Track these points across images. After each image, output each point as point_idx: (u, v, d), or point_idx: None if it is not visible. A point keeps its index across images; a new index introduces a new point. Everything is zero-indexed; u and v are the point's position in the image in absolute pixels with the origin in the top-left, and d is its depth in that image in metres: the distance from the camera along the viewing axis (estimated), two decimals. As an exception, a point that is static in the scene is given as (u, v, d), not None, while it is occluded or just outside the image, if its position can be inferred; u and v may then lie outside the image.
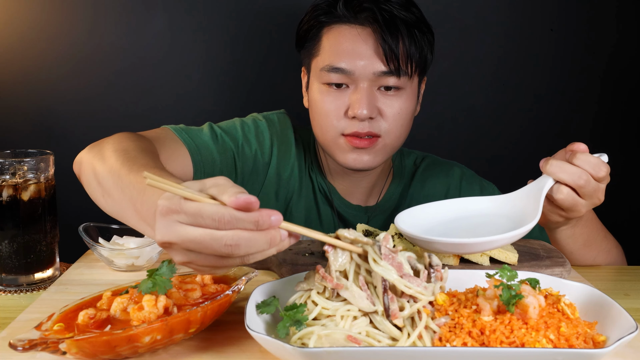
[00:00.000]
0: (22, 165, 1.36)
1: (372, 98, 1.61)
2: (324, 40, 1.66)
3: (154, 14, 2.39)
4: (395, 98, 1.63)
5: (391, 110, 1.63)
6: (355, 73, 1.59)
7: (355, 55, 1.59)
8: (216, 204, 0.90)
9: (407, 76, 1.62)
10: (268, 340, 0.93)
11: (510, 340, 0.95)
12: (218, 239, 0.90)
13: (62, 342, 0.91)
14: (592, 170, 1.27)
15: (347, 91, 1.62)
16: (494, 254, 1.29)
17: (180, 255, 0.94)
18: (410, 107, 1.68)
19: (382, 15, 1.58)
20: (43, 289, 1.39)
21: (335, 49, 1.62)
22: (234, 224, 0.90)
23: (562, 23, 2.42)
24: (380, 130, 1.63)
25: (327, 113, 1.64)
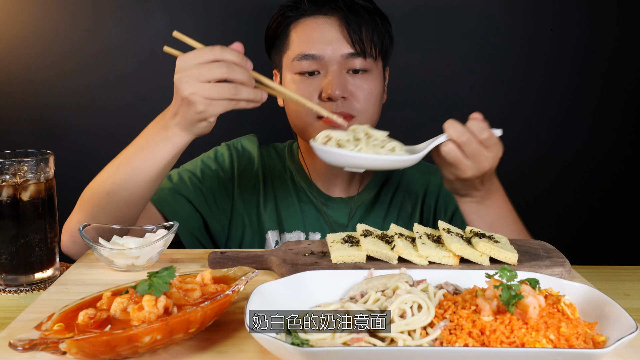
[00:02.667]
0: (22, 165, 1.36)
1: (343, 80, 1.73)
2: (292, 34, 1.79)
3: (154, 14, 2.39)
4: (363, 79, 1.76)
5: (362, 91, 1.75)
6: (325, 57, 1.73)
7: (323, 41, 1.73)
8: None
9: (372, 58, 1.76)
10: (268, 340, 0.92)
11: (511, 341, 0.94)
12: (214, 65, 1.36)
13: (62, 342, 0.91)
14: (476, 132, 1.43)
15: (318, 77, 1.74)
16: (493, 254, 1.29)
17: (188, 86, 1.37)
18: (378, 88, 1.80)
19: (345, 3, 1.73)
20: (43, 289, 1.39)
21: (304, 39, 1.75)
22: (224, 54, 1.38)
23: (562, 23, 2.42)
24: (353, 110, 1.74)
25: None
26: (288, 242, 1.47)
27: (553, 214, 2.57)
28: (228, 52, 1.38)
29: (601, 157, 2.53)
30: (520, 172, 2.55)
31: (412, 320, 1.00)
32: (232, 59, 1.38)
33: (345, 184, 1.95)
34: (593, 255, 2.50)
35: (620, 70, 2.46)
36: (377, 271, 1.19)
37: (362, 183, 1.96)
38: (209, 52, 1.38)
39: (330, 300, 1.14)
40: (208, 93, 1.36)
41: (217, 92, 1.37)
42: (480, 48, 2.45)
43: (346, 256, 1.31)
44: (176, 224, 1.42)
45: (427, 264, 1.30)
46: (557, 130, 2.51)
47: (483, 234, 1.38)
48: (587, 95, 2.48)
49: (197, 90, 1.36)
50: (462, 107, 2.48)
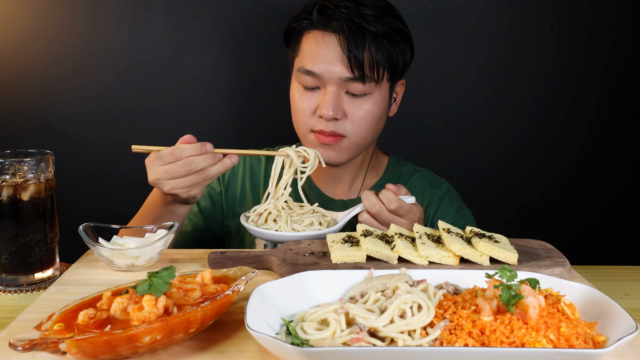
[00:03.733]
0: (22, 165, 1.36)
1: (339, 100, 1.75)
2: (303, 42, 1.80)
3: (154, 14, 2.39)
4: (362, 101, 1.77)
5: (357, 113, 1.77)
6: (324, 77, 1.74)
7: (324, 61, 1.74)
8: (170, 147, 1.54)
9: (373, 82, 1.75)
10: (268, 340, 0.92)
11: (511, 341, 0.95)
12: (179, 165, 1.52)
13: (62, 342, 0.91)
14: (386, 203, 1.55)
15: (318, 92, 1.77)
16: (493, 254, 1.29)
17: (165, 185, 1.55)
18: (378, 110, 1.80)
19: (349, 27, 1.71)
20: (43, 289, 1.39)
21: (310, 53, 1.77)
22: (183, 153, 1.53)
23: (562, 23, 2.42)
24: (345, 131, 1.77)
25: (300, 110, 1.80)
26: (288, 242, 1.47)
27: (553, 214, 2.57)
28: (184, 151, 1.54)
29: (601, 157, 2.53)
30: (519, 173, 2.55)
31: (412, 320, 1.00)
32: (190, 154, 1.54)
33: (347, 186, 1.97)
34: (593, 255, 2.50)
35: (621, 70, 2.46)
36: (377, 271, 1.19)
37: (365, 186, 1.98)
38: (169, 155, 1.54)
39: (330, 300, 1.14)
40: (183, 184, 1.55)
41: (191, 181, 1.55)
42: (479, 48, 2.45)
43: (346, 256, 1.31)
44: (176, 224, 1.43)
45: (427, 264, 1.30)
46: (557, 130, 2.51)
47: (483, 233, 1.38)
48: (587, 95, 2.48)
49: (174, 185, 1.55)
50: (462, 108, 2.50)
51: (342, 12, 1.72)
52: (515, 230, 2.34)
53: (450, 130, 2.51)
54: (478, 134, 2.51)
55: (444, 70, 2.46)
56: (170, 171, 1.53)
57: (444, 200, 1.96)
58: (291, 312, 1.10)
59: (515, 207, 2.57)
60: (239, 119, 2.48)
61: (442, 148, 2.52)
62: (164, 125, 2.47)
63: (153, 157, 1.56)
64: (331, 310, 1.04)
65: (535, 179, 2.55)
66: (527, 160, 2.54)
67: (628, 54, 2.44)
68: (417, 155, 2.44)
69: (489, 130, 2.51)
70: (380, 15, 1.74)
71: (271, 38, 2.37)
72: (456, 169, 2.52)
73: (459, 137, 2.51)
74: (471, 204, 2.05)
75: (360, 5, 1.73)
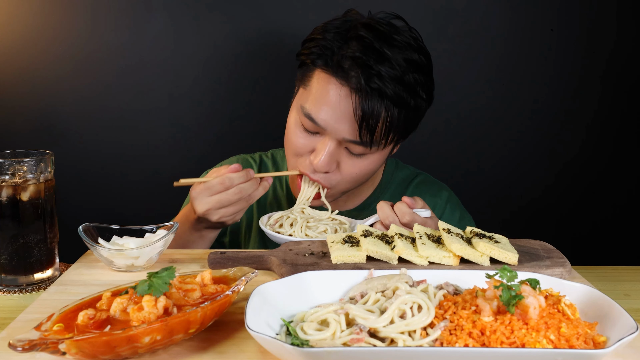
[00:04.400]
0: (21, 165, 1.36)
1: (335, 155, 1.67)
2: (314, 79, 1.66)
3: (154, 15, 2.38)
4: (359, 160, 1.69)
5: (351, 170, 1.70)
6: (327, 130, 1.63)
7: (332, 115, 1.61)
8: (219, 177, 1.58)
9: (377, 146, 1.66)
10: (268, 341, 0.92)
11: (511, 341, 0.94)
12: (230, 193, 1.57)
13: (61, 343, 0.90)
14: (399, 215, 1.53)
15: (316, 137, 1.68)
16: (494, 255, 1.29)
17: (215, 215, 1.59)
18: (375, 166, 1.73)
19: (367, 91, 1.57)
20: (43, 289, 1.39)
21: (318, 98, 1.63)
22: (233, 181, 1.57)
23: (562, 23, 2.41)
24: (330, 184, 1.72)
25: (293, 146, 1.72)
26: (288, 242, 1.47)
27: (553, 214, 2.57)
28: (235, 179, 1.58)
29: (601, 158, 2.53)
30: (519, 173, 2.55)
31: (412, 321, 1.00)
32: (239, 182, 1.58)
33: (342, 197, 1.89)
34: (593, 256, 2.50)
35: (621, 70, 2.45)
36: (377, 271, 1.19)
37: (360, 197, 1.92)
38: (219, 185, 1.58)
39: (330, 300, 1.14)
40: (232, 212, 1.61)
41: (239, 208, 1.61)
42: (480, 48, 2.45)
43: (346, 256, 1.31)
44: (176, 224, 1.42)
45: (427, 264, 1.30)
46: (557, 130, 2.51)
47: (483, 234, 1.38)
48: (587, 95, 2.48)
49: (223, 214, 1.60)
50: (462, 107, 2.49)
51: (362, 70, 1.57)
52: (516, 230, 2.34)
53: (451, 130, 2.51)
54: (478, 134, 2.51)
55: (444, 70, 2.46)
56: (221, 201, 1.57)
57: (446, 210, 1.91)
58: (291, 313, 1.10)
59: (515, 208, 2.57)
60: (239, 119, 2.48)
61: (443, 148, 2.52)
62: (164, 125, 2.46)
63: (201, 189, 1.59)
64: (331, 311, 1.04)
65: (535, 179, 2.54)
66: (528, 161, 2.54)
67: (628, 54, 2.44)
68: (417, 155, 2.44)
69: (490, 130, 2.51)
70: (404, 73, 1.59)
71: (271, 39, 2.37)
72: (456, 169, 2.51)
73: (460, 137, 2.51)
74: (471, 204, 2.05)
75: (384, 62, 1.57)
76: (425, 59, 1.66)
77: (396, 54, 1.59)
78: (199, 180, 1.62)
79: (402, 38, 1.62)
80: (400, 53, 1.59)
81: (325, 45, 1.63)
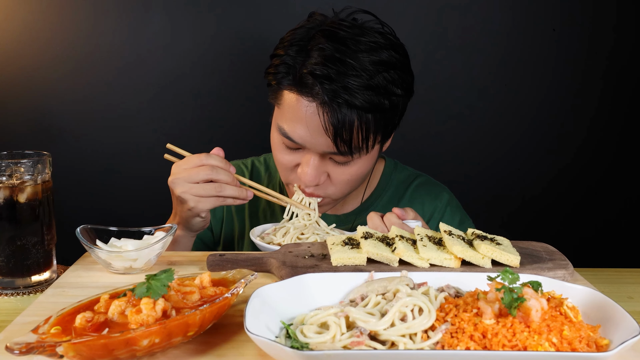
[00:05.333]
0: (18, 166, 1.35)
1: (322, 167, 1.66)
2: (284, 97, 1.63)
3: (152, 15, 2.38)
4: (347, 168, 1.67)
5: (341, 177, 1.69)
6: (306, 146, 1.63)
7: (307, 131, 1.59)
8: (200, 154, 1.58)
9: (359, 152, 1.63)
10: (267, 343, 0.92)
11: (513, 344, 0.94)
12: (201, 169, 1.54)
13: (59, 346, 0.90)
14: (388, 226, 1.50)
15: (300, 152, 1.67)
16: (495, 257, 1.29)
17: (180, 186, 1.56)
18: (366, 169, 1.71)
19: (333, 106, 1.54)
20: (40, 292, 1.38)
21: (291, 117, 1.61)
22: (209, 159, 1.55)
23: (564, 23, 2.41)
24: (325, 193, 1.70)
25: (280, 163, 1.72)
26: (288, 244, 1.46)
27: (555, 215, 2.56)
28: (212, 158, 1.57)
29: (604, 158, 2.53)
30: (522, 174, 2.55)
31: (413, 324, 0.99)
32: (215, 163, 1.57)
33: (339, 205, 1.88)
34: (596, 258, 2.50)
35: (624, 70, 2.45)
36: (378, 274, 1.18)
37: (358, 199, 1.90)
38: (195, 158, 1.57)
39: (330, 303, 1.14)
40: (196, 191, 1.56)
41: (204, 191, 1.56)
42: (481, 48, 2.44)
43: (346, 258, 1.30)
44: (174, 226, 1.41)
45: (428, 266, 1.29)
46: (559, 131, 2.51)
47: (485, 236, 1.37)
48: (589, 95, 2.48)
49: (187, 190, 1.56)
50: (464, 108, 2.49)
51: (325, 86, 1.53)
52: (517, 232, 2.33)
53: (451, 130, 2.51)
54: (479, 134, 2.51)
55: (445, 71, 2.46)
56: (191, 174, 1.56)
57: (446, 213, 1.90)
58: (291, 315, 1.09)
59: (516, 209, 2.57)
60: (238, 118, 2.48)
61: (443, 148, 2.52)
62: (163, 125, 2.46)
63: (180, 161, 1.61)
64: (331, 314, 1.04)
65: (537, 180, 2.54)
66: (529, 161, 2.53)
67: (630, 53, 2.43)
68: (417, 156, 2.44)
69: (491, 131, 2.51)
70: (372, 78, 1.55)
71: (269, 39, 2.36)
72: (457, 170, 2.51)
73: (460, 137, 2.51)
74: (472, 205, 2.05)
75: (348, 72, 1.53)
76: (398, 54, 1.61)
77: (361, 60, 1.55)
78: (185, 153, 1.64)
79: (367, 39, 1.58)
80: (366, 56, 1.55)
81: (288, 63, 1.61)
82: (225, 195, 1.57)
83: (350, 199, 1.89)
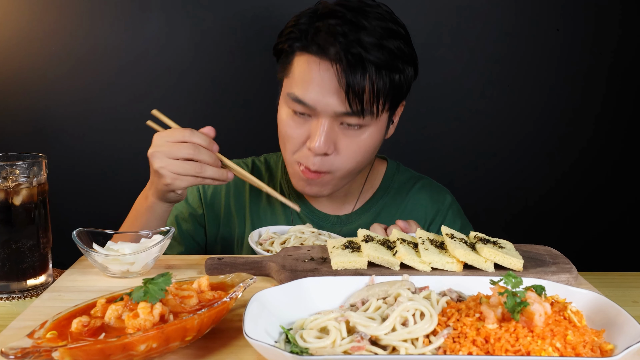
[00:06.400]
0: (13, 168, 1.34)
1: (332, 134, 1.64)
2: (294, 64, 1.66)
3: (149, 15, 2.38)
4: (357, 134, 1.66)
5: (349, 147, 1.67)
6: (317, 109, 1.62)
7: (319, 92, 1.60)
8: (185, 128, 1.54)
9: (371, 115, 1.63)
10: (267, 349, 0.91)
11: (516, 349, 0.93)
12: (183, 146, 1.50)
13: (55, 351, 0.90)
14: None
15: (309, 120, 1.66)
16: (498, 260, 1.28)
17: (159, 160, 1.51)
18: (374, 141, 1.70)
19: (347, 57, 1.57)
20: (35, 296, 1.37)
21: (302, 80, 1.63)
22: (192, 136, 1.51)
23: (568, 22, 2.41)
24: (330, 168, 1.68)
25: (288, 138, 1.70)
26: (287, 247, 1.46)
27: (559, 218, 2.56)
28: (196, 136, 1.53)
29: (608, 160, 2.52)
30: (525, 176, 2.54)
31: (415, 328, 0.99)
32: (199, 142, 1.52)
33: (341, 200, 1.88)
34: (600, 262, 2.49)
35: (626, 70, 2.45)
36: (379, 278, 1.18)
37: (359, 200, 1.90)
38: (179, 133, 1.52)
39: (331, 307, 1.13)
40: (175, 169, 1.52)
41: (183, 169, 1.52)
42: (483, 49, 2.44)
43: (347, 262, 1.29)
44: (172, 229, 1.41)
45: (430, 270, 1.29)
46: (562, 132, 2.50)
47: (487, 239, 1.36)
48: (593, 96, 2.47)
49: (166, 165, 1.52)
50: (466, 109, 2.49)
51: (339, 40, 1.58)
52: (520, 235, 2.32)
53: (453, 132, 2.50)
54: (481, 135, 2.50)
55: (447, 71, 2.46)
56: (172, 149, 1.51)
57: (448, 216, 1.90)
58: (290, 320, 1.09)
59: (520, 211, 2.57)
60: (237, 120, 2.47)
61: (445, 150, 2.52)
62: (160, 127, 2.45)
63: (164, 132, 1.56)
64: (331, 318, 1.03)
65: (540, 182, 2.54)
66: (533, 163, 2.53)
67: (635, 54, 2.43)
68: (420, 157, 2.44)
69: (493, 132, 2.51)
70: (383, 39, 1.59)
71: (268, 39, 2.36)
72: (459, 172, 2.51)
73: (463, 139, 2.51)
74: (475, 207, 2.04)
75: (361, 31, 1.58)
76: (404, 30, 1.67)
77: (372, 23, 1.60)
78: (171, 124, 1.60)
79: (375, 11, 1.63)
80: (377, 22, 1.61)
81: (300, 29, 1.65)
82: (204, 176, 1.53)
83: (352, 197, 1.89)
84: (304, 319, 1.07)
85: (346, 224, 1.86)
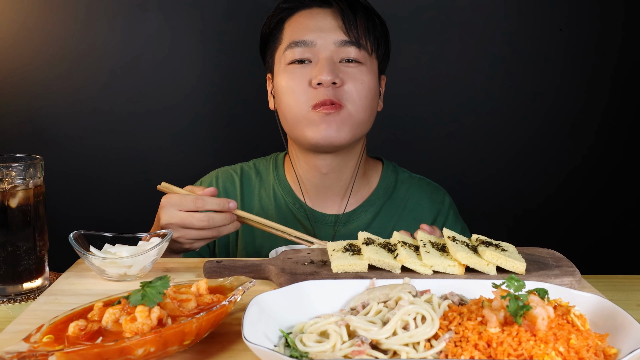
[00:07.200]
0: (9, 170, 1.34)
1: (334, 66, 1.71)
2: (286, 28, 1.79)
3: (147, 15, 2.38)
4: (356, 69, 1.73)
5: (354, 80, 1.72)
6: (317, 44, 1.72)
7: (316, 29, 1.73)
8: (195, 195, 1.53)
9: (366, 51, 1.74)
10: (266, 353, 0.91)
11: (518, 353, 0.93)
12: (197, 217, 1.50)
13: (51, 355, 0.89)
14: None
15: (309, 66, 1.72)
16: (501, 263, 1.27)
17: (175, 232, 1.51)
18: (373, 83, 1.76)
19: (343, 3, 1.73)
20: (32, 300, 1.36)
21: (297, 28, 1.76)
22: (205, 205, 1.51)
23: (572, 23, 2.41)
24: (344, 98, 1.70)
25: (293, 88, 1.72)
26: (287, 250, 1.45)
27: (563, 221, 2.56)
28: (209, 203, 1.52)
29: (612, 162, 2.52)
30: (529, 178, 2.54)
31: (416, 332, 0.98)
32: (213, 208, 1.53)
33: (339, 198, 1.88)
34: (604, 264, 2.48)
35: (631, 71, 2.45)
36: (380, 281, 1.17)
37: (358, 199, 1.89)
38: (191, 202, 1.51)
39: (331, 311, 1.13)
40: (192, 236, 1.53)
41: (199, 235, 1.54)
42: (487, 49, 2.44)
43: (347, 265, 1.29)
44: (170, 231, 1.40)
45: (431, 273, 1.28)
46: (566, 134, 2.50)
47: (489, 242, 1.36)
48: (597, 97, 2.47)
49: (183, 235, 1.53)
50: (469, 110, 2.48)
51: None
52: (523, 238, 2.32)
53: (456, 134, 2.51)
54: (485, 137, 2.51)
55: (450, 72, 2.46)
56: (185, 221, 1.50)
57: (449, 218, 1.90)
58: (290, 324, 1.08)
59: (523, 214, 2.56)
60: (235, 122, 2.47)
61: (447, 151, 2.52)
62: (158, 129, 2.45)
63: (173, 200, 1.53)
64: (332, 322, 1.03)
65: (543, 184, 2.54)
66: (536, 165, 2.53)
67: (638, 54, 2.43)
68: (423, 158, 2.44)
69: (497, 134, 2.51)
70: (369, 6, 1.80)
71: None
72: (462, 174, 2.51)
73: (466, 141, 2.51)
74: (477, 209, 2.04)
75: None
76: None
77: None
78: (179, 191, 1.57)
79: None
80: None
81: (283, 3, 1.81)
82: (221, 235, 1.57)
83: (352, 197, 1.88)
84: (304, 323, 1.07)
85: (345, 224, 1.85)
